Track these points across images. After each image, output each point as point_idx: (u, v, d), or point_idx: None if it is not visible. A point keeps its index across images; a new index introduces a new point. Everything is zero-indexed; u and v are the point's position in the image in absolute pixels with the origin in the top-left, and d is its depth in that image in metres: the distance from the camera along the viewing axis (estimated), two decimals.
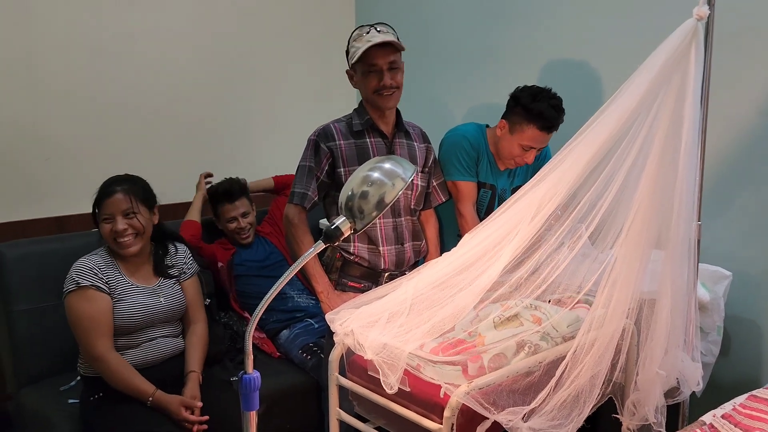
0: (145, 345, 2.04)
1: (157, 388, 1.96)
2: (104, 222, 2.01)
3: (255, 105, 3.15)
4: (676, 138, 1.48)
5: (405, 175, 1.31)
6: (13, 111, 2.49)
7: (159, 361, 2.06)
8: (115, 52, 2.70)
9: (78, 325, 1.95)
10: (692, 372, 1.61)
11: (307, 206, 2.11)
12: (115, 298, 1.99)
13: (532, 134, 2.18)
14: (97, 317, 1.94)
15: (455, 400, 1.35)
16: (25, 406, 2.23)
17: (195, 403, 1.96)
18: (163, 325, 2.10)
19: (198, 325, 2.18)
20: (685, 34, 1.45)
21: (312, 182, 2.11)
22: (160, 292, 2.08)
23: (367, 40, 2.03)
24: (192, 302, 2.18)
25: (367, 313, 1.56)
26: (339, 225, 1.27)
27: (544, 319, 1.59)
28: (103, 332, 1.94)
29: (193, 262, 2.23)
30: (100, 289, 1.96)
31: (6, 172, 2.50)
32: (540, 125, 2.16)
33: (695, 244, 1.61)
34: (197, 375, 2.06)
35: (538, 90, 2.21)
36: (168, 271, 2.14)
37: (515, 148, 2.24)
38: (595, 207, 1.56)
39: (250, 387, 1.24)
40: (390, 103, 2.11)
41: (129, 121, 2.77)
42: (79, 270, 1.97)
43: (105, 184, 2.06)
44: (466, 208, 2.33)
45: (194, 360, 2.10)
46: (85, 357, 1.99)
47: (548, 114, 2.14)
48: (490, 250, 1.55)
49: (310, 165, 2.12)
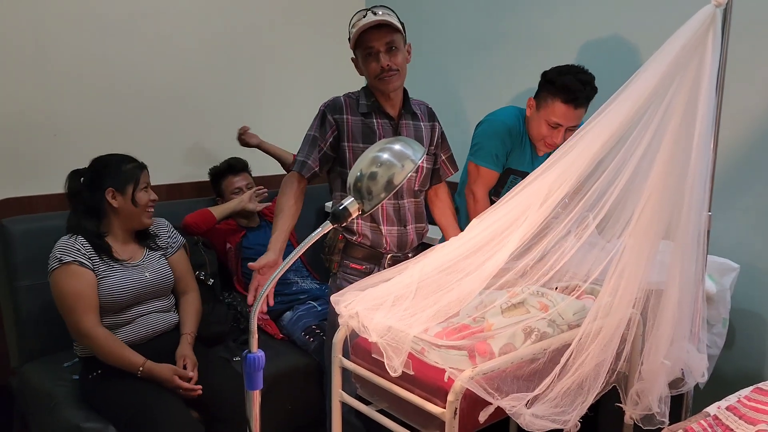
0: (136, 321, 2.06)
1: (146, 359, 1.97)
2: (144, 191, 2.09)
3: (262, 87, 3.13)
4: (690, 127, 1.46)
5: (414, 156, 1.29)
6: (22, 87, 2.48)
7: (152, 336, 2.08)
8: (123, 31, 2.68)
9: (63, 302, 1.96)
10: (697, 363, 1.60)
11: (305, 175, 2.09)
12: (100, 276, 1.99)
13: (558, 109, 2.11)
14: (82, 292, 1.94)
15: (459, 385, 1.34)
16: (28, 382, 2.24)
17: (187, 374, 1.98)
18: (153, 300, 2.11)
19: (190, 294, 2.23)
20: (702, 21, 1.42)
21: (314, 152, 2.09)
22: (145, 268, 2.10)
23: (363, 23, 2.01)
24: (181, 275, 2.22)
25: (373, 296, 1.55)
26: (347, 206, 1.26)
27: (551, 306, 1.58)
28: (89, 308, 1.95)
29: (177, 235, 2.27)
30: (83, 264, 1.97)
31: (13, 147, 2.49)
32: (564, 98, 2.09)
33: (705, 235, 1.59)
34: (189, 336, 2.11)
35: (567, 66, 2.15)
36: (156, 241, 2.18)
37: (543, 127, 2.18)
38: (604, 195, 1.54)
39: (255, 366, 1.24)
40: (391, 87, 2.07)
41: (136, 100, 2.76)
42: (62, 247, 1.98)
43: (123, 158, 2.11)
44: (481, 190, 2.31)
45: (187, 323, 2.16)
46: (73, 335, 2.00)
47: (573, 86, 2.07)
48: (498, 236, 1.53)
49: (314, 135, 2.11)
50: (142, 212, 2.09)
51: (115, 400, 1.94)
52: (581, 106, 2.11)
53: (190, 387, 1.96)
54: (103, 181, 2.05)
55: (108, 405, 1.96)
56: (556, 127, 2.16)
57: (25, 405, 2.29)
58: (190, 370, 2.00)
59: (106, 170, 2.06)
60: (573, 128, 2.14)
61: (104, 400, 1.97)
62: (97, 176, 2.06)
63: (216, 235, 2.63)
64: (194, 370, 2.01)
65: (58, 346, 2.32)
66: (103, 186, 2.04)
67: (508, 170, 2.34)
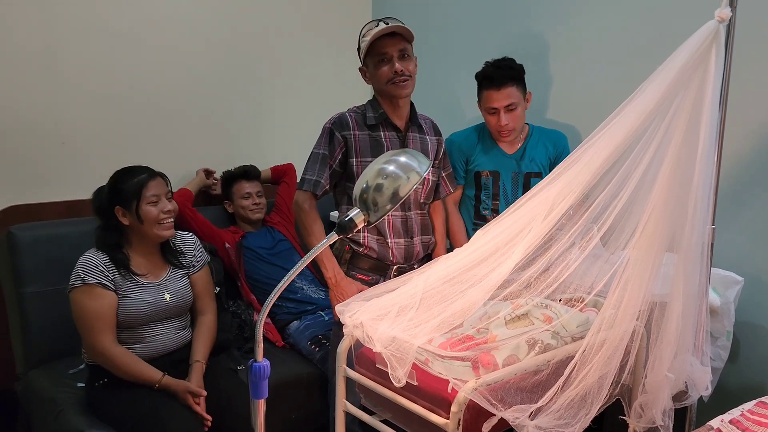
0: (150, 338, 2.05)
1: (163, 374, 1.97)
2: (151, 204, 2.01)
3: (268, 98, 3.16)
4: (693, 140, 1.47)
5: (420, 168, 1.31)
6: (31, 94, 2.50)
7: (164, 353, 2.07)
8: (131, 40, 2.71)
9: (82, 321, 1.96)
10: (701, 376, 1.60)
11: (318, 193, 2.11)
12: (120, 295, 1.99)
13: (485, 97, 2.31)
14: (101, 314, 1.94)
15: (463, 396, 1.35)
16: (33, 388, 2.25)
17: (200, 391, 1.96)
18: (170, 319, 2.10)
19: (207, 317, 2.18)
20: (705, 36, 1.44)
21: (325, 170, 2.11)
22: (166, 288, 2.08)
23: (376, 31, 2.03)
24: (201, 294, 2.18)
25: (377, 306, 1.56)
26: (353, 217, 1.27)
27: (555, 318, 1.59)
28: (106, 328, 1.95)
29: (202, 253, 2.23)
30: (106, 286, 1.96)
31: (22, 154, 2.51)
32: (485, 85, 2.30)
33: (708, 248, 1.60)
34: (201, 365, 2.07)
35: (493, 60, 2.35)
36: (179, 258, 2.14)
37: (487, 117, 2.37)
38: (608, 207, 1.55)
39: (260, 375, 1.25)
40: (404, 92, 2.10)
41: (144, 109, 2.78)
42: (86, 266, 1.96)
43: (131, 170, 2.05)
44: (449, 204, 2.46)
45: (200, 350, 2.10)
46: (89, 352, 1.99)
47: (487, 72, 2.30)
48: (502, 247, 1.54)
49: (323, 153, 2.12)
50: (153, 226, 2.02)
51: (120, 408, 1.95)
52: (503, 86, 2.27)
53: (201, 413, 1.94)
54: (112, 199, 2.02)
55: (113, 413, 1.96)
56: (495, 112, 2.32)
57: (29, 411, 2.30)
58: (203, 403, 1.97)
59: (114, 187, 2.03)
60: (510, 107, 2.29)
61: (109, 408, 1.98)
62: (109, 194, 2.04)
63: (215, 237, 2.65)
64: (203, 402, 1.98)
65: (63, 353, 2.33)
66: (112, 204, 2.02)
67: (477, 173, 2.45)
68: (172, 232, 2.08)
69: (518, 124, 2.36)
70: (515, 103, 2.29)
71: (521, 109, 2.34)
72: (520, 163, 2.42)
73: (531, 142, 2.45)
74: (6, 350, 2.47)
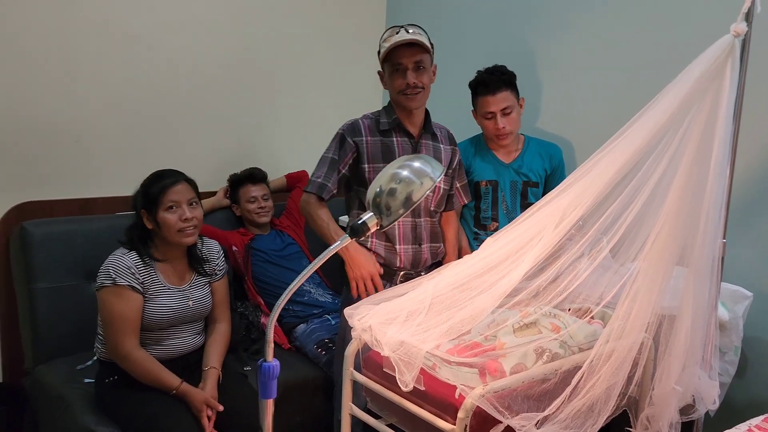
0: (168, 341, 2.05)
1: (182, 381, 1.97)
2: (168, 211, 1.99)
3: (282, 102, 3.17)
4: (706, 154, 1.48)
5: (434, 174, 1.31)
6: (46, 92, 2.53)
7: (177, 356, 2.08)
8: (147, 42, 2.73)
9: (108, 321, 1.97)
10: (709, 390, 1.60)
11: (325, 197, 2.13)
12: (147, 298, 2.00)
13: (481, 102, 2.37)
14: (128, 316, 1.95)
15: (470, 402, 1.35)
16: (41, 383, 2.27)
17: (217, 405, 1.96)
18: (188, 324, 2.10)
19: (222, 325, 2.19)
20: (721, 50, 1.44)
21: (333, 174, 2.13)
22: (190, 295, 2.08)
23: (394, 39, 2.04)
24: (219, 302, 2.19)
25: (386, 310, 1.57)
26: (366, 220, 1.28)
27: (563, 328, 1.59)
28: (131, 331, 1.96)
29: (224, 263, 2.23)
30: (135, 289, 1.96)
31: (36, 151, 2.54)
32: (480, 91, 2.36)
33: (719, 261, 1.60)
34: (216, 372, 2.07)
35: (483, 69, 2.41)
36: (203, 266, 2.14)
37: (484, 123, 2.41)
38: (619, 219, 1.55)
39: (269, 375, 1.26)
40: (414, 104, 2.11)
41: (158, 110, 2.80)
42: (118, 267, 1.96)
43: (162, 174, 2.05)
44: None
45: (214, 356, 2.10)
46: (111, 353, 1.99)
47: (481, 79, 2.37)
48: (512, 255, 1.55)
49: (333, 157, 2.14)
50: (172, 233, 1.99)
51: (128, 407, 1.95)
52: (498, 90, 2.33)
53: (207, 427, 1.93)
54: (139, 201, 2.03)
55: (121, 411, 1.97)
56: (491, 117, 2.36)
57: (36, 406, 2.31)
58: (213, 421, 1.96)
59: (142, 189, 2.04)
60: (506, 110, 2.34)
61: (118, 405, 1.99)
62: (138, 195, 2.05)
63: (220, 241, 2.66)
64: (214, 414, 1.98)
65: (72, 349, 2.34)
66: (140, 207, 2.03)
67: (477, 183, 2.47)
68: (193, 240, 2.06)
69: (515, 128, 2.40)
70: (511, 106, 2.35)
71: (516, 114, 2.38)
72: (518, 173, 2.45)
73: (528, 152, 2.47)
74: (15, 345, 2.49)
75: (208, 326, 2.19)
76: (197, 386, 2.01)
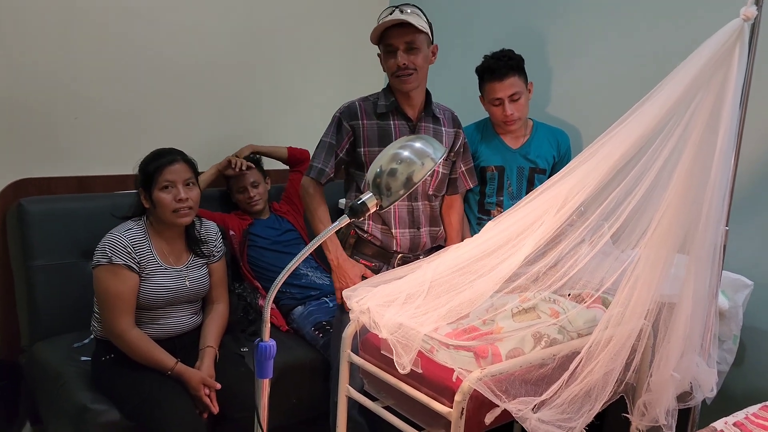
0: (164, 321, 2.05)
1: (177, 361, 1.97)
2: (163, 190, 1.98)
3: (284, 81, 3.15)
4: (712, 139, 1.45)
5: (435, 155, 1.30)
6: (45, 68, 2.50)
7: (174, 336, 2.08)
8: (148, 18, 2.70)
9: (103, 299, 1.96)
10: (707, 377, 1.60)
11: (323, 182, 2.14)
12: (143, 278, 1.99)
13: (489, 88, 2.33)
14: (123, 295, 1.95)
15: (467, 385, 1.34)
16: (37, 360, 2.27)
17: (215, 384, 1.97)
18: (185, 304, 2.10)
19: (220, 305, 2.19)
20: (730, 34, 1.42)
21: (330, 159, 2.12)
22: (187, 275, 2.08)
23: (385, 20, 2.02)
24: (217, 283, 2.19)
25: (385, 293, 1.56)
26: (365, 200, 1.27)
27: (562, 313, 1.58)
28: (126, 310, 1.95)
29: (221, 244, 2.23)
30: (131, 268, 1.96)
31: (34, 127, 2.52)
32: (488, 77, 2.32)
33: (721, 249, 1.59)
34: (213, 351, 2.07)
35: (490, 54, 2.37)
36: (201, 247, 2.13)
37: (491, 110, 2.38)
38: (621, 205, 1.53)
39: (266, 354, 1.25)
40: (407, 86, 2.08)
41: (158, 88, 2.77)
42: (114, 246, 1.95)
43: (160, 152, 2.04)
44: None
45: (211, 336, 2.10)
46: (106, 332, 1.99)
47: (489, 65, 2.32)
48: (513, 239, 1.53)
49: (330, 142, 2.13)
50: (167, 213, 1.99)
51: (124, 385, 1.96)
52: (506, 76, 2.29)
53: (210, 405, 1.95)
54: (138, 179, 2.03)
55: (116, 389, 1.97)
56: (499, 103, 2.33)
57: (33, 383, 2.31)
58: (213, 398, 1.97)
59: (141, 167, 2.03)
60: (514, 97, 2.31)
61: (113, 384, 1.99)
62: (137, 173, 2.04)
63: (220, 222, 2.65)
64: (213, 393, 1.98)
65: (68, 327, 2.34)
66: (137, 185, 2.02)
67: (483, 169, 2.44)
68: (189, 220, 2.05)
69: (523, 114, 2.37)
70: (519, 92, 2.31)
71: (525, 99, 2.35)
72: (525, 158, 2.42)
73: (536, 138, 2.44)
74: (12, 322, 2.49)
75: (206, 306, 2.19)
76: (194, 366, 2.01)
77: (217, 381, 1.99)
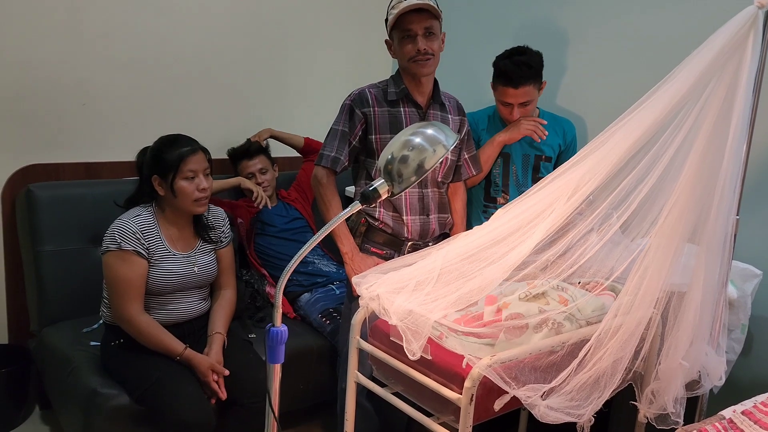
0: (172, 306, 2.06)
1: (186, 346, 1.98)
2: (186, 179, 1.98)
3: (292, 68, 3.14)
4: (724, 129, 1.45)
5: (447, 142, 1.30)
6: (53, 54, 2.50)
7: (182, 321, 2.09)
8: (158, 4, 2.69)
9: (113, 285, 1.97)
10: (716, 366, 1.60)
11: (338, 170, 2.11)
12: (152, 263, 2.00)
13: (501, 91, 2.31)
14: (132, 280, 1.95)
15: (477, 372, 1.35)
16: (47, 345, 2.28)
17: (223, 370, 1.98)
18: (193, 290, 2.11)
19: (228, 291, 2.20)
20: (744, 22, 1.41)
21: (344, 147, 2.11)
22: (195, 261, 2.08)
23: (403, 5, 2.01)
24: (225, 269, 2.19)
25: (394, 279, 1.56)
26: (377, 187, 1.27)
27: (571, 301, 1.58)
28: (136, 296, 1.96)
29: (229, 230, 2.23)
30: (140, 254, 1.96)
31: (42, 113, 2.52)
32: (503, 81, 2.29)
33: (731, 239, 1.58)
34: (222, 337, 2.08)
35: (510, 50, 2.33)
36: (209, 234, 2.14)
37: (499, 106, 2.37)
38: (632, 193, 1.53)
39: (277, 339, 1.26)
40: (425, 70, 2.08)
41: (166, 74, 2.77)
42: (123, 232, 1.95)
43: (176, 140, 2.03)
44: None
45: (220, 322, 2.11)
46: (115, 317, 2.00)
47: (507, 69, 2.26)
48: (523, 227, 1.53)
49: (343, 129, 2.11)
50: (187, 202, 2.00)
51: (133, 370, 1.97)
52: (521, 85, 2.26)
53: (218, 391, 1.96)
54: (152, 166, 2.01)
55: (125, 374, 1.99)
56: (508, 106, 2.33)
57: (42, 368, 2.33)
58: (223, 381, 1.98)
59: (155, 155, 2.02)
60: (525, 104, 2.31)
61: (123, 368, 2.00)
62: (150, 159, 2.03)
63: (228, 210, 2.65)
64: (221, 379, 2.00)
65: (77, 312, 2.36)
66: (151, 172, 2.01)
67: None
68: (205, 209, 2.08)
69: (529, 114, 2.38)
70: (530, 100, 2.32)
71: (534, 103, 2.36)
72: (531, 146, 2.42)
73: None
74: (21, 307, 2.50)
75: (214, 293, 2.20)
76: (202, 352, 2.02)
77: (225, 367, 2.00)
